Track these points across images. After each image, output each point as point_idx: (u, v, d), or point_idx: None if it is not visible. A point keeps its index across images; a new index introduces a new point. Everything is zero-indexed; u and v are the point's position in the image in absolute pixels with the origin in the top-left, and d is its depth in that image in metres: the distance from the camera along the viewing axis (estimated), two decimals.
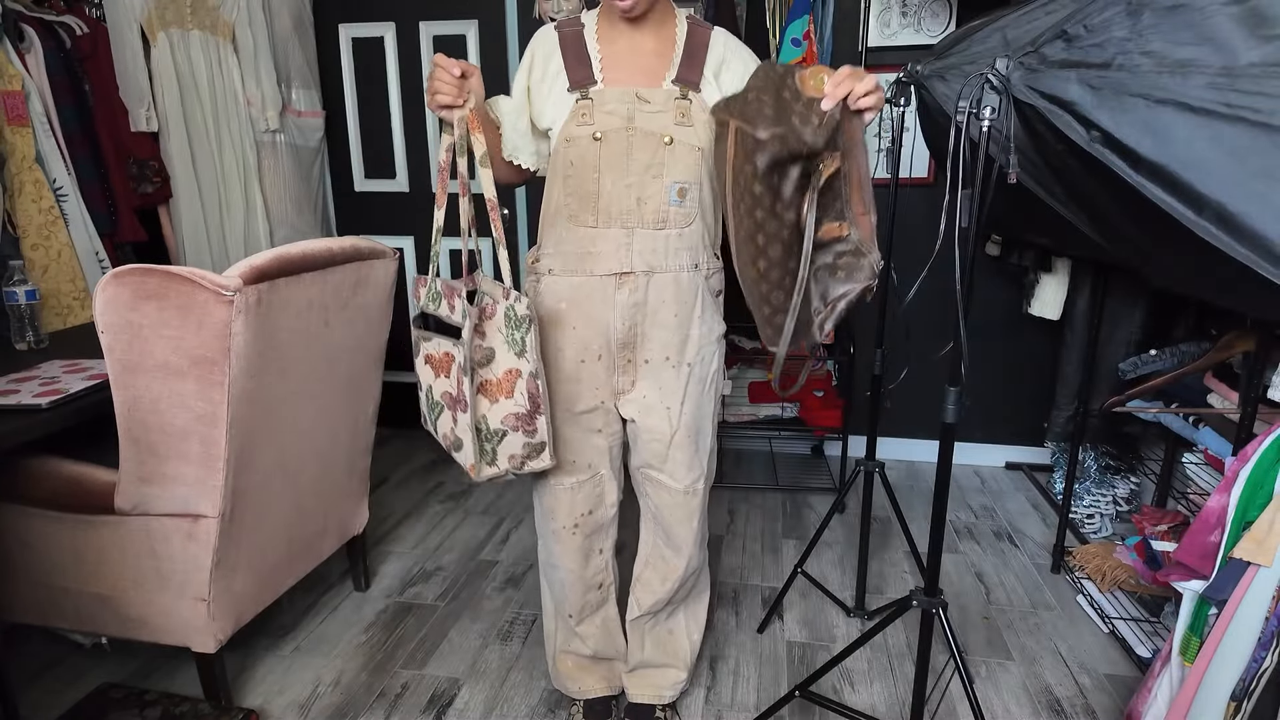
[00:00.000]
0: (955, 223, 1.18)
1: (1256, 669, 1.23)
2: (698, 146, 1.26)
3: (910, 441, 3.06)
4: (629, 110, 1.25)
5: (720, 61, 1.29)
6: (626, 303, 1.32)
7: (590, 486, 1.47)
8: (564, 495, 1.46)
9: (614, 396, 1.40)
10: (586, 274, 1.31)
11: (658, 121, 1.25)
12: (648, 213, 1.28)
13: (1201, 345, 1.91)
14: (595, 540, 1.52)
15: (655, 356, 1.37)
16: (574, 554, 1.51)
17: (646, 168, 1.26)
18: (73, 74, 2.20)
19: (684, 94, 1.26)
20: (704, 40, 1.29)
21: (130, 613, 1.55)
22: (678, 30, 1.30)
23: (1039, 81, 1.15)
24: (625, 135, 1.25)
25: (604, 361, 1.37)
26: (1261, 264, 0.96)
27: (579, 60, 1.28)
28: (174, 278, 1.29)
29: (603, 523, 1.52)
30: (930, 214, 2.74)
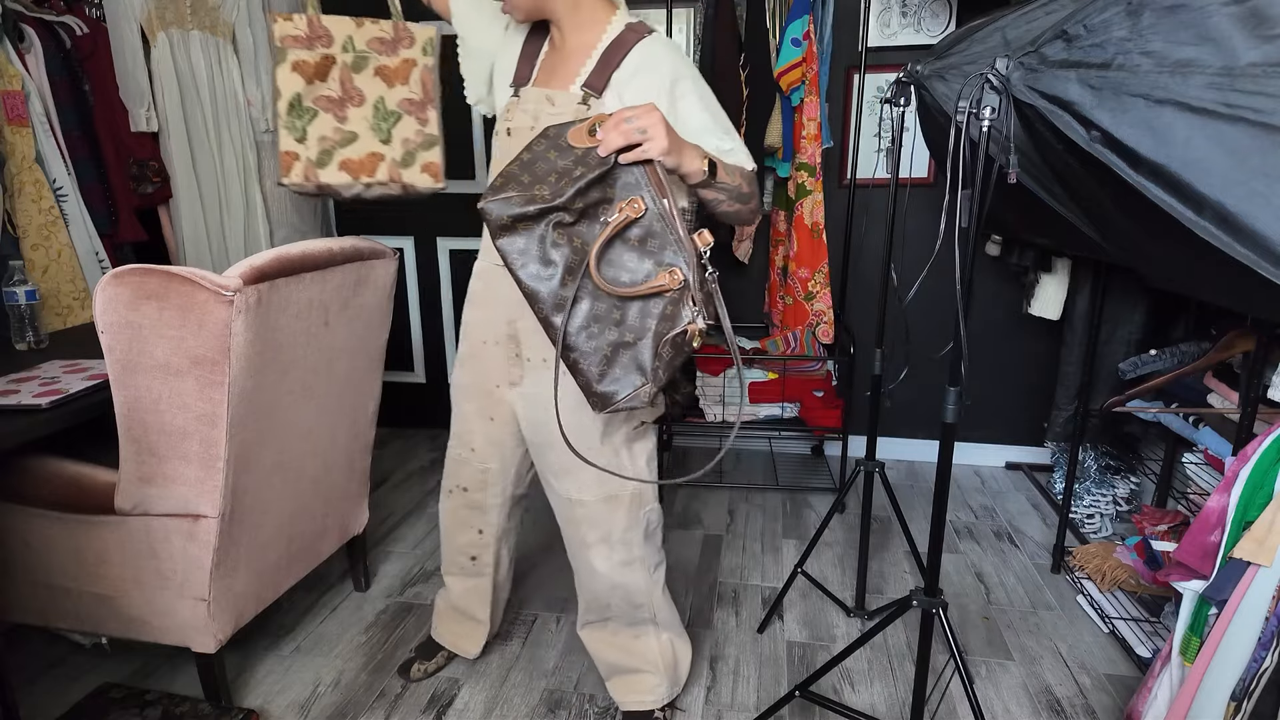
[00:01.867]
0: (955, 223, 1.18)
1: (1256, 669, 1.23)
2: None
3: (910, 441, 3.06)
4: (537, 110, 1.33)
5: (634, 71, 1.28)
6: (509, 296, 1.34)
7: (472, 470, 1.59)
8: (450, 461, 1.62)
9: (509, 386, 1.48)
10: (491, 261, 1.43)
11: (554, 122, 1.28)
12: None
13: (1201, 345, 1.91)
14: (472, 517, 1.64)
15: (535, 356, 1.41)
16: (448, 515, 1.67)
17: None
18: (73, 74, 2.20)
19: (585, 99, 1.29)
20: (624, 48, 1.29)
21: (130, 613, 1.55)
22: (604, 36, 1.31)
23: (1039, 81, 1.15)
24: (529, 134, 1.28)
25: (501, 349, 1.46)
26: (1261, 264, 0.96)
27: (527, 60, 1.38)
28: (174, 278, 1.29)
29: (481, 505, 1.62)
30: (930, 214, 2.74)
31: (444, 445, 1.66)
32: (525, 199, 1.08)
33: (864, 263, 2.90)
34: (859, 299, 2.94)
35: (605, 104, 1.29)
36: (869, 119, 2.71)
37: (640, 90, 1.27)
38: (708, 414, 2.71)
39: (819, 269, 2.61)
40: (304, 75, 1.45)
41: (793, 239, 2.63)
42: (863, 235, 2.82)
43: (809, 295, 2.64)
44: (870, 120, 2.71)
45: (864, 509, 1.91)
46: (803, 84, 2.47)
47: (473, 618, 1.77)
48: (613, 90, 1.29)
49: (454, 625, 1.79)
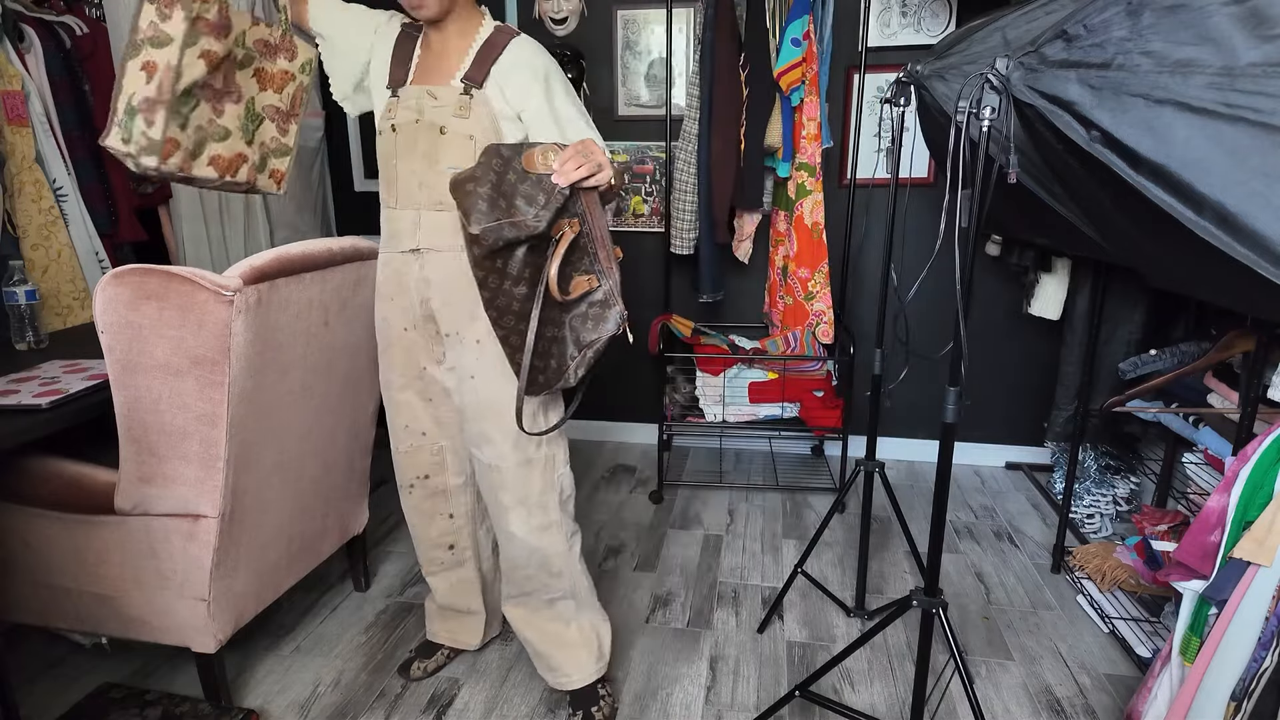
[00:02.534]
0: (955, 223, 1.18)
1: (1256, 669, 1.23)
2: (470, 135, 1.40)
3: (910, 441, 3.06)
4: (419, 104, 1.42)
5: (511, 65, 1.42)
6: (419, 277, 1.47)
7: (426, 454, 1.63)
8: (399, 458, 1.65)
9: (436, 365, 1.55)
10: (394, 250, 1.49)
11: (439, 115, 1.40)
12: (429, 196, 1.43)
13: (1201, 345, 1.91)
14: (438, 504, 1.68)
15: (450, 330, 1.49)
16: (414, 512, 1.69)
17: (425, 155, 1.41)
18: (73, 74, 2.20)
19: (466, 90, 1.41)
20: (499, 46, 1.43)
21: (130, 613, 1.55)
22: (479, 36, 1.45)
23: (1039, 81, 1.15)
24: (414, 127, 1.41)
25: (419, 331, 1.52)
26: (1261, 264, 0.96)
27: (401, 63, 1.47)
28: (174, 278, 1.29)
29: (444, 489, 1.66)
30: (930, 214, 2.74)
31: None
32: (514, 226, 1.20)
33: (864, 263, 2.90)
34: (859, 299, 2.94)
35: (487, 94, 1.41)
36: (869, 119, 2.71)
37: (520, 83, 1.42)
38: (707, 414, 2.71)
39: (819, 269, 2.61)
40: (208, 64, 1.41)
41: (793, 239, 2.63)
42: (863, 235, 2.82)
43: (809, 295, 2.64)
44: (870, 120, 2.71)
45: (864, 509, 1.91)
46: (803, 84, 2.47)
47: (466, 610, 1.78)
48: (493, 81, 1.42)
49: (449, 622, 1.81)
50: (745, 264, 2.89)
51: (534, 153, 1.23)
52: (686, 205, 2.64)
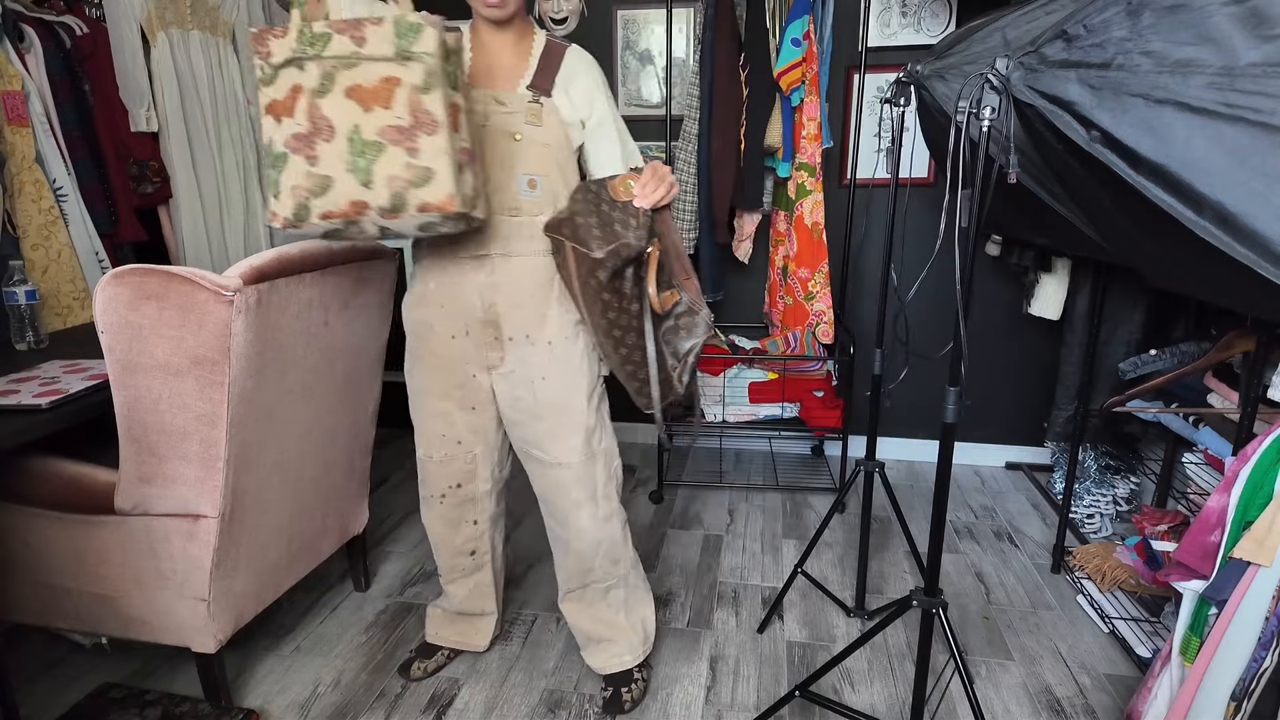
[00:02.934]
0: (955, 223, 1.18)
1: (1256, 669, 1.23)
2: (546, 143, 1.43)
3: (910, 441, 3.06)
4: (485, 109, 1.40)
5: (571, 74, 1.45)
6: (486, 283, 1.46)
7: (460, 463, 1.62)
8: (433, 468, 1.63)
9: (486, 371, 1.54)
10: (451, 256, 1.46)
11: (510, 121, 1.40)
12: (502, 201, 1.42)
13: (1201, 345, 1.91)
14: (465, 511, 1.68)
15: (517, 334, 1.49)
16: (441, 521, 1.68)
17: (499, 161, 1.40)
18: (73, 74, 2.20)
19: (536, 98, 1.42)
20: (558, 55, 1.46)
21: (130, 613, 1.55)
22: (535, 45, 1.46)
23: (1039, 81, 1.15)
24: (481, 132, 1.39)
25: (472, 338, 1.50)
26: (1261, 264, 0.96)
27: None
28: (174, 278, 1.29)
29: (473, 496, 1.66)
30: (930, 214, 2.74)
31: None
32: (626, 247, 1.30)
33: (864, 263, 2.90)
34: (859, 299, 2.94)
35: (555, 102, 1.43)
36: (869, 119, 2.71)
37: (582, 90, 1.46)
38: (707, 414, 2.71)
39: (819, 269, 2.61)
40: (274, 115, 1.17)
41: (793, 239, 2.63)
42: (863, 235, 2.82)
43: (809, 295, 2.64)
44: (870, 120, 2.71)
45: (864, 509, 1.91)
46: (803, 84, 2.47)
47: (480, 612, 1.80)
48: (559, 89, 1.44)
49: (458, 625, 1.81)
50: (745, 264, 2.89)
51: (616, 182, 1.34)
52: (686, 205, 2.64)
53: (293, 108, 1.16)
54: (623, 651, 1.69)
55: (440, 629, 1.82)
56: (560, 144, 1.44)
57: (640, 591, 1.72)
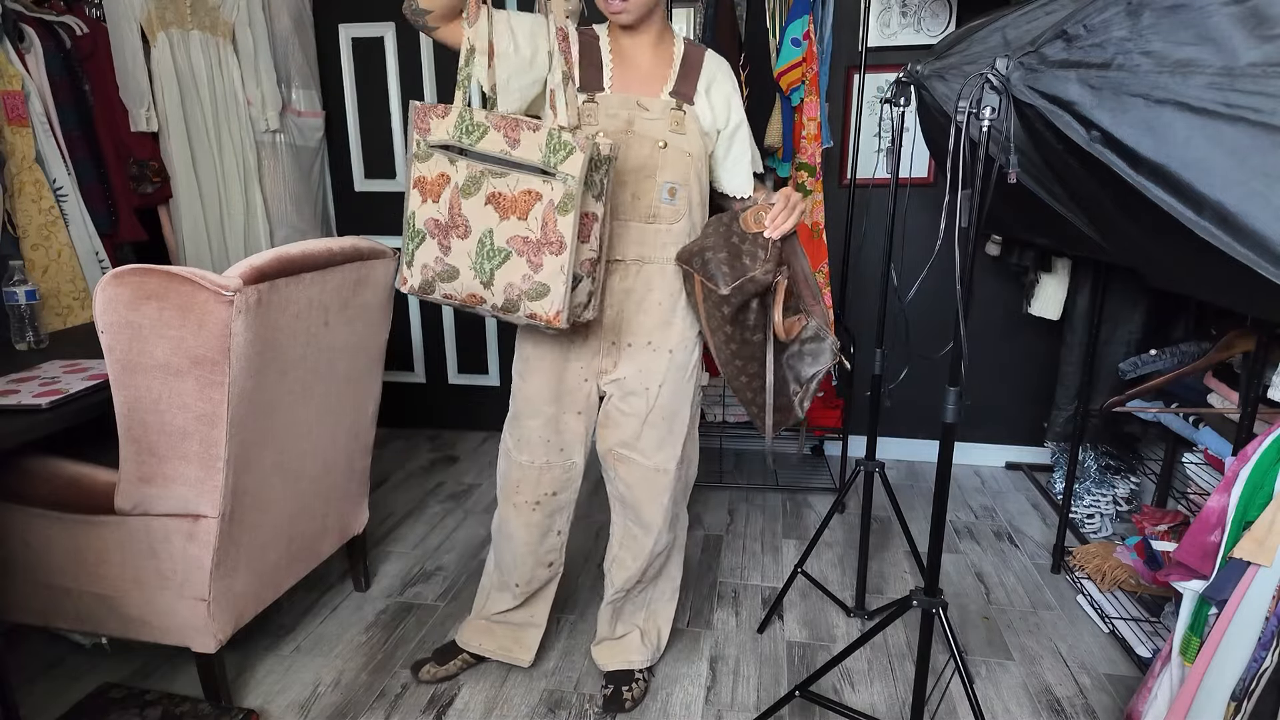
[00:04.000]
0: (955, 223, 1.18)
1: (1256, 669, 1.23)
2: (688, 152, 1.40)
3: (910, 441, 3.06)
4: (629, 115, 1.38)
5: (710, 80, 1.43)
6: (617, 288, 1.44)
7: (560, 470, 1.59)
8: (532, 473, 1.58)
9: (598, 375, 1.52)
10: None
11: (654, 128, 1.38)
12: (640, 207, 1.41)
13: (1201, 345, 1.91)
14: (555, 520, 1.64)
15: (638, 340, 1.49)
16: (531, 529, 1.62)
17: (641, 168, 1.39)
18: (73, 74, 2.20)
19: (679, 105, 1.40)
20: (698, 60, 1.43)
21: (130, 613, 1.55)
22: (675, 49, 1.44)
23: (1039, 81, 1.15)
24: (625, 137, 1.38)
25: (589, 343, 1.49)
26: (1261, 264, 0.96)
27: (592, 65, 1.41)
28: (174, 278, 1.29)
29: (565, 504, 1.64)
30: (930, 214, 2.74)
31: (444, 445, 1.66)
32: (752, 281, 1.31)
33: (864, 263, 2.90)
34: (859, 299, 2.94)
35: (697, 110, 1.41)
36: (869, 119, 2.71)
37: (722, 97, 1.44)
38: (707, 414, 2.71)
39: (819, 269, 2.61)
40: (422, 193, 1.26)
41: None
42: (863, 235, 2.82)
43: None
44: (870, 120, 2.71)
45: (864, 509, 1.91)
46: (803, 84, 2.47)
47: (530, 624, 1.75)
48: (700, 96, 1.42)
49: (502, 635, 1.75)
50: None
51: (748, 215, 1.34)
52: None
53: (439, 195, 1.26)
54: (632, 652, 1.70)
55: (479, 638, 1.75)
56: (700, 153, 1.42)
57: (668, 594, 1.74)
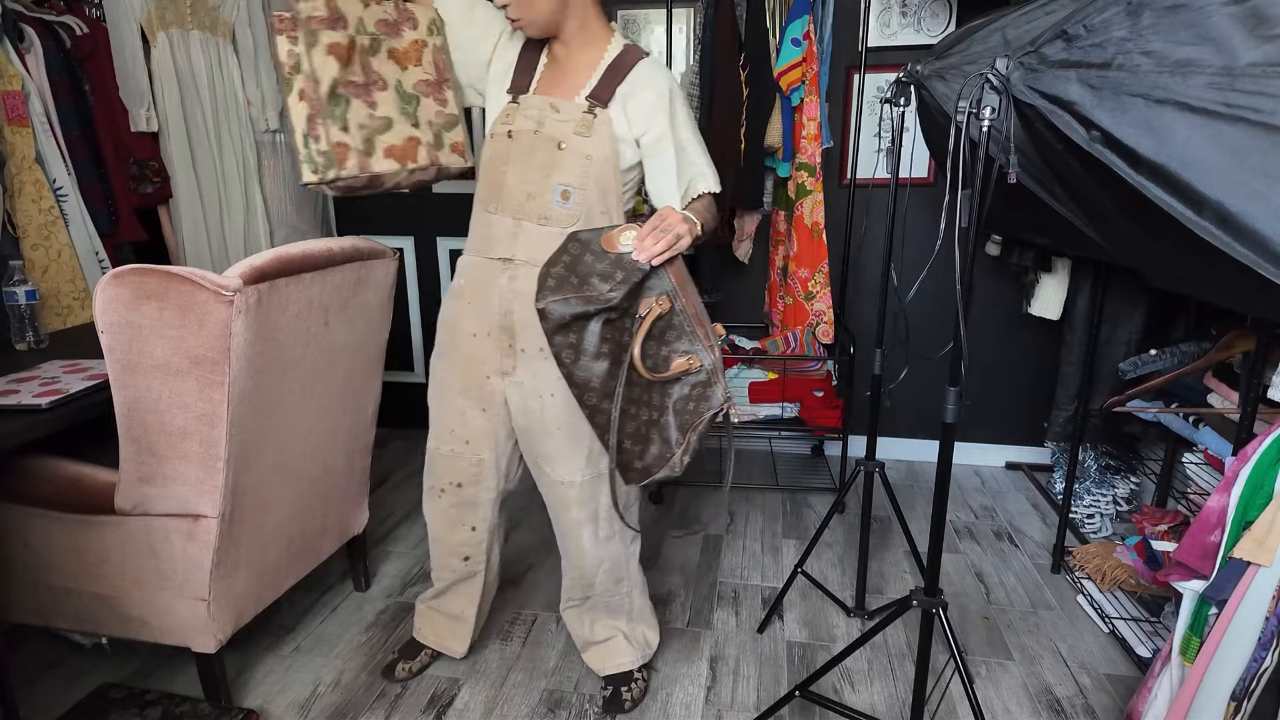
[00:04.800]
0: (955, 223, 1.18)
1: (1256, 669, 1.23)
2: (588, 155, 1.40)
3: (910, 441, 3.06)
4: (540, 116, 1.41)
5: (634, 88, 1.41)
6: (507, 288, 1.45)
7: (466, 463, 1.60)
8: (440, 460, 1.62)
9: (500, 377, 1.52)
10: (483, 255, 1.48)
11: (560, 129, 1.40)
12: (535, 207, 1.42)
13: (1201, 345, 1.91)
14: (464, 514, 1.65)
15: (530, 346, 1.47)
16: (439, 516, 1.66)
17: (540, 167, 1.41)
18: (73, 74, 2.20)
19: (591, 109, 1.40)
20: (626, 66, 1.42)
21: (130, 613, 1.55)
22: (606, 54, 1.44)
23: (1039, 81, 1.15)
24: (532, 137, 1.41)
25: (491, 340, 1.50)
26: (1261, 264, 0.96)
27: (525, 70, 1.47)
28: (174, 278, 1.29)
29: (474, 501, 1.64)
30: (930, 214, 2.74)
31: None
32: (582, 300, 1.19)
33: (864, 263, 2.90)
34: (859, 299, 2.94)
35: (610, 114, 1.40)
36: (869, 119, 2.71)
37: (644, 105, 1.41)
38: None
39: (819, 269, 2.61)
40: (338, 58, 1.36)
41: (793, 239, 2.63)
42: (863, 235, 2.82)
43: (809, 295, 2.64)
44: (870, 120, 2.71)
45: (864, 509, 1.91)
46: (803, 84, 2.47)
47: (459, 617, 1.78)
48: (617, 102, 1.41)
49: (440, 625, 1.80)
50: (745, 264, 2.89)
51: (613, 234, 1.24)
52: None
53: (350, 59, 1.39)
54: (621, 654, 1.70)
55: (425, 623, 1.81)
56: (605, 158, 1.40)
57: (644, 614, 1.73)
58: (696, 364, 1.27)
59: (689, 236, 1.26)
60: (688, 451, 1.29)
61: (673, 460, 1.29)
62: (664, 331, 1.27)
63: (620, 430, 1.25)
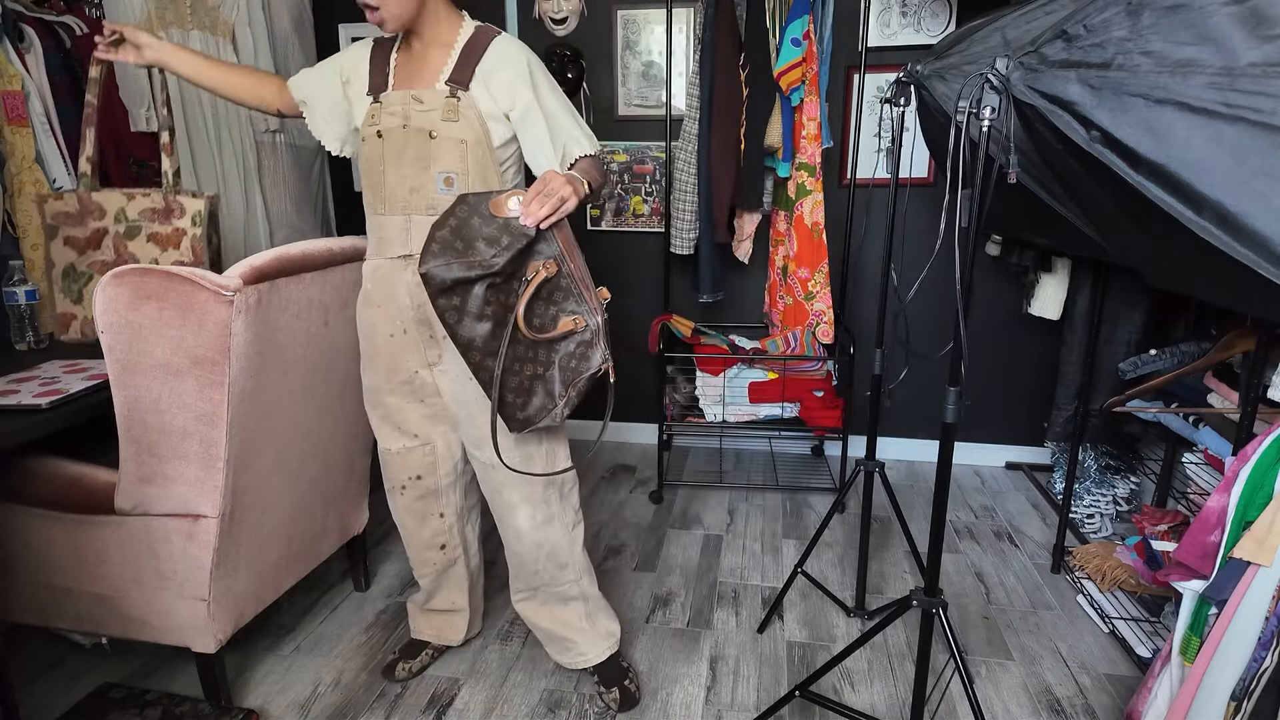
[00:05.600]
0: (955, 223, 1.18)
1: (1256, 669, 1.23)
2: (462, 139, 1.40)
3: (910, 441, 3.06)
4: (405, 110, 1.41)
5: (494, 66, 1.42)
6: (412, 282, 1.45)
7: (419, 455, 1.62)
8: (392, 460, 1.63)
9: (428, 368, 1.53)
10: (382, 256, 1.48)
11: (427, 119, 1.40)
12: (420, 200, 1.43)
13: (1201, 345, 1.91)
14: (430, 504, 1.67)
15: None
16: (406, 513, 1.69)
17: (416, 160, 1.41)
18: (73, 74, 2.20)
19: (453, 93, 1.40)
20: (481, 46, 1.43)
21: (130, 613, 1.55)
22: (459, 37, 1.45)
23: (1039, 81, 1.15)
24: (402, 133, 1.41)
25: (410, 336, 1.50)
26: (1261, 264, 0.96)
27: (379, 70, 1.47)
28: (174, 278, 1.29)
29: (436, 489, 1.66)
30: (930, 214, 2.74)
31: None
32: (465, 265, 1.23)
33: (864, 263, 2.90)
34: (859, 299, 2.94)
35: (474, 95, 1.41)
36: (869, 119, 2.71)
37: (505, 80, 1.42)
38: (707, 414, 2.71)
39: (819, 269, 2.61)
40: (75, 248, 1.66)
41: (792, 239, 2.63)
42: (863, 235, 2.82)
43: (809, 295, 2.64)
44: (870, 120, 2.71)
45: (864, 509, 1.91)
46: (803, 84, 2.47)
47: (453, 609, 1.80)
48: (478, 81, 1.42)
49: (434, 619, 1.81)
50: (745, 264, 2.89)
51: (501, 198, 1.26)
52: (686, 205, 2.64)
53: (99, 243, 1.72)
54: (586, 649, 1.68)
55: (416, 621, 1.83)
56: (478, 139, 1.41)
57: (599, 606, 1.69)
58: (582, 324, 1.32)
59: (575, 198, 1.27)
60: (568, 405, 1.35)
61: (554, 411, 1.35)
62: (552, 293, 1.32)
63: (504, 385, 1.31)
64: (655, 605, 2.07)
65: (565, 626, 1.67)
